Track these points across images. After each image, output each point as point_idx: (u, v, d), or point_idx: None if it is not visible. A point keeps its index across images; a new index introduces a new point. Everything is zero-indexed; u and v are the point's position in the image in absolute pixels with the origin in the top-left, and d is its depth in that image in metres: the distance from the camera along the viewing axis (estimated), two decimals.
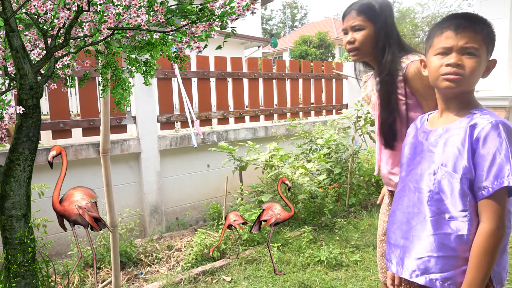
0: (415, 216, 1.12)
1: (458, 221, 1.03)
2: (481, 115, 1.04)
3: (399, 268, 1.16)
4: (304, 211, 3.64)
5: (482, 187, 0.99)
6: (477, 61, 1.05)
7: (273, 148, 3.37)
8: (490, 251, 0.98)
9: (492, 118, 1.01)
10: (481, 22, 1.08)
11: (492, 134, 0.98)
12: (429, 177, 1.10)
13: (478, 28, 1.06)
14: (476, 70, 1.06)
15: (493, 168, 0.97)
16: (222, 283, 2.56)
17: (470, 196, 1.02)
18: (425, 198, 1.10)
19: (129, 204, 3.42)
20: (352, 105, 4.98)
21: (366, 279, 2.55)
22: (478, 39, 1.06)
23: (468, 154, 1.02)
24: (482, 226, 1.00)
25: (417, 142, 1.19)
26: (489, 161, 0.98)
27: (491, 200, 0.99)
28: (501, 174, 0.96)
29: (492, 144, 0.98)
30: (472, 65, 1.05)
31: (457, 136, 1.05)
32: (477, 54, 1.05)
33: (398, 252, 1.17)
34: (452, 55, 1.07)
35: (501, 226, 0.99)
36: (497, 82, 4.20)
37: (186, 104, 3.68)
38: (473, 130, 1.01)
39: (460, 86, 1.07)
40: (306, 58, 20.65)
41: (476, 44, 1.05)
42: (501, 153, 0.96)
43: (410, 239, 1.12)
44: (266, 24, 43.64)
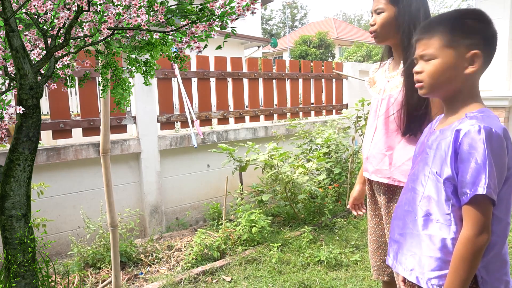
0: (409, 214, 1.14)
1: (442, 224, 1.04)
2: (469, 119, 1.02)
3: (394, 262, 1.19)
4: (304, 211, 3.64)
5: (462, 193, 0.99)
6: (435, 63, 1.08)
7: (273, 148, 3.37)
8: (468, 257, 0.97)
9: (477, 123, 0.98)
10: (439, 23, 1.09)
11: (473, 139, 0.97)
12: (423, 178, 1.11)
13: (433, 31, 1.08)
14: (435, 72, 1.08)
15: (471, 174, 0.97)
16: (222, 283, 2.56)
17: (453, 200, 1.02)
18: (417, 198, 1.12)
19: (129, 204, 3.42)
20: (352, 105, 4.98)
21: (366, 279, 2.55)
22: (433, 42, 1.08)
23: (451, 158, 1.02)
24: (462, 232, 1.00)
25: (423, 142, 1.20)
26: (468, 167, 0.97)
27: (470, 207, 0.98)
28: (477, 181, 0.95)
29: (472, 150, 0.97)
30: (429, 68, 1.09)
31: (445, 140, 1.05)
32: (433, 57, 1.08)
33: (395, 247, 1.20)
34: (419, 62, 1.13)
35: (480, 233, 0.97)
36: (497, 82, 4.20)
37: (186, 104, 3.68)
38: (458, 134, 1.01)
39: (426, 90, 1.11)
40: (306, 58, 20.66)
41: (430, 49, 1.08)
42: (479, 160, 0.95)
43: (404, 236, 1.15)
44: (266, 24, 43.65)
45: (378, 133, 1.59)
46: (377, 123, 1.60)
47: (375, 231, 1.71)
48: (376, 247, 1.71)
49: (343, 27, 29.81)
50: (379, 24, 1.53)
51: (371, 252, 1.74)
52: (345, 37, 26.32)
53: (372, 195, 1.71)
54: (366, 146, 1.66)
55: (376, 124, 1.61)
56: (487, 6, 4.23)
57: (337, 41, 25.31)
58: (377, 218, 1.69)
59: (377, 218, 1.69)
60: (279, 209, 3.77)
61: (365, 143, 1.68)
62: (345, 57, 19.45)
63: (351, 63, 5.69)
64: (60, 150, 3.01)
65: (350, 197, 1.90)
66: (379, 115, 1.59)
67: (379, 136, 1.58)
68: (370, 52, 18.74)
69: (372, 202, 1.71)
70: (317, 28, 25.80)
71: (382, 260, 1.69)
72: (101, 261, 2.76)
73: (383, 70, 1.68)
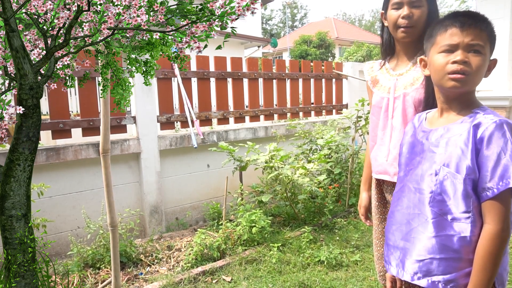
0: (416, 217, 1.10)
1: (461, 222, 1.01)
2: (485, 114, 1.02)
3: (399, 270, 1.13)
4: (304, 211, 3.64)
5: (486, 188, 0.97)
6: (483, 59, 1.03)
7: (273, 148, 3.37)
8: (495, 253, 0.97)
9: (496, 117, 0.99)
10: (484, 20, 1.06)
11: (496, 134, 0.96)
12: (431, 177, 1.07)
13: (483, 25, 1.05)
14: (482, 67, 1.04)
15: (498, 168, 0.95)
16: (222, 283, 2.56)
17: (474, 197, 1.00)
18: (426, 199, 1.08)
19: (129, 204, 3.42)
20: (352, 105, 4.98)
21: (366, 279, 2.55)
22: (483, 36, 1.04)
23: (471, 154, 0.99)
24: (487, 227, 0.98)
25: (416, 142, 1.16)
26: (493, 161, 0.95)
27: (496, 201, 0.96)
28: (507, 175, 0.94)
29: (496, 144, 0.96)
30: (478, 63, 1.03)
31: (460, 136, 1.02)
32: (482, 51, 1.03)
33: (398, 254, 1.15)
34: (458, 52, 1.04)
35: (506, 227, 0.97)
36: (497, 82, 4.20)
37: (186, 104, 3.68)
38: (477, 129, 0.99)
39: (466, 85, 1.05)
40: (306, 58, 20.65)
41: (481, 41, 1.03)
42: (506, 154, 0.94)
43: (410, 241, 1.10)
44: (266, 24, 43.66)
45: (396, 133, 1.51)
46: (392, 123, 1.53)
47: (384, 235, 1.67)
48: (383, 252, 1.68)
49: (343, 27, 29.81)
50: (418, 18, 1.45)
51: (377, 257, 1.69)
52: (345, 37, 26.32)
53: (380, 198, 1.65)
54: (384, 149, 1.56)
55: (392, 124, 1.53)
56: (487, 6, 4.23)
57: (337, 41, 25.30)
58: (387, 221, 1.67)
59: (387, 221, 1.67)
60: (279, 209, 3.77)
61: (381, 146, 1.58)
62: (345, 57, 19.44)
63: (351, 63, 5.69)
64: (59, 150, 3.01)
65: (359, 207, 1.83)
66: (394, 114, 1.53)
67: (399, 137, 1.49)
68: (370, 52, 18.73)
69: (381, 206, 1.66)
70: (317, 28, 25.79)
71: None
72: (101, 261, 2.76)
73: (384, 68, 1.64)
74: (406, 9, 1.46)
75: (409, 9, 1.46)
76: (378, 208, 1.68)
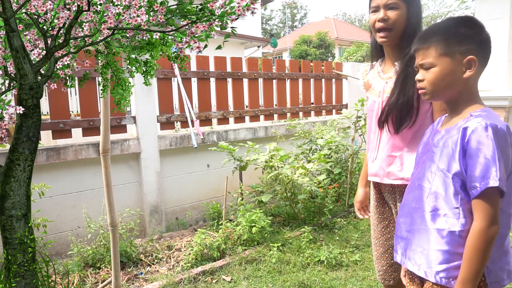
0: (416, 211, 1.19)
1: (450, 218, 1.10)
2: (475, 117, 1.08)
3: (403, 259, 1.23)
4: (304, 211, 3.64)
5: (472, 187, 1.05)
6: (435, 71, 1.16)
7: (273, 148, 3.37)
8: (481, 249, 1.03)
9: (484, 120, 1.05)
10: (435, 32, 1.18)
11: (481, 136, 1.03)
12: (430, 175, 1.16)
13: (429, 41, 1.17)
14: (436, 78, 1.15)
15: (480, 169, 1.02)
16: (222, 283, 2.56)
17: (462, 195, 1.08)
18: (424, 194, 1.17)
19: (129, 204, 3.42)
20: (352, 105, 4.98)
21: (366, 279, 2.55)
22: (430, 51, 1.16)
23: (459, 155, 1.08)
24: (474, 224, 1.05)
25: (427, 142, 1.25)
26: (477, 162, 1.03)
27: (481, 200, 1.04)
28: (487, 175, 1.01)
29: (480, 146, 1.03)
30: (430, 76, 1.17)
31: (452, 138, 1.11)
32: (432, 66, 1.16)
33: (402, 244, 1.24)
34: (419, 72, 1.20)
35: (491, 224, 1.03)
36: (496, 82, 4.20)
37: (186, 104, 3.68)
38: (465, 132, 1.07)
39: (430, 96, 1.18)
40: (306, 58, 20.65)
41: (429, 58, 1.16)
42: (488, 155, 1.01)
43: (412, 232, 1.20)
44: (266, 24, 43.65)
45: (384, 136, 1.56)
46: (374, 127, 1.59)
47: (383, 235, 1.67)
48: (382, 252, 1.67)
49: (343, 27, 29.80)
50: (394, 21, 1.44)
51: (377, 256, 1.70)
52: (345, 37, 26.31)
53: (379, 198, 1.67)
54: (373, 150, 1.62)
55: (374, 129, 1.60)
56: (487, 6, 4.23)
57: (337, 41, 25.30)
58: (385, 221, 1.67)
59: (385, 221, 1.67)
60: (279, 209, 3.78)
61: (371, 148, 1.65)
62: (345, 57, 19.44)
63: (351, 63, 5.69)
64: (60, 150, 3.01)
65: (355, 202, 1.87)
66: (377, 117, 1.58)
67: (386, 139, 1.55)
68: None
69: (379, 206, 1.68)
70: (317, 28, 25.79)
71: (388, 264, 1.67)
72: (101, 261, 2.76)
73: (375, 71, 1.66)
74: (382, 12, 1.47)
75: (385, 12, 1.46)
76: (376, 208, 1.69)
